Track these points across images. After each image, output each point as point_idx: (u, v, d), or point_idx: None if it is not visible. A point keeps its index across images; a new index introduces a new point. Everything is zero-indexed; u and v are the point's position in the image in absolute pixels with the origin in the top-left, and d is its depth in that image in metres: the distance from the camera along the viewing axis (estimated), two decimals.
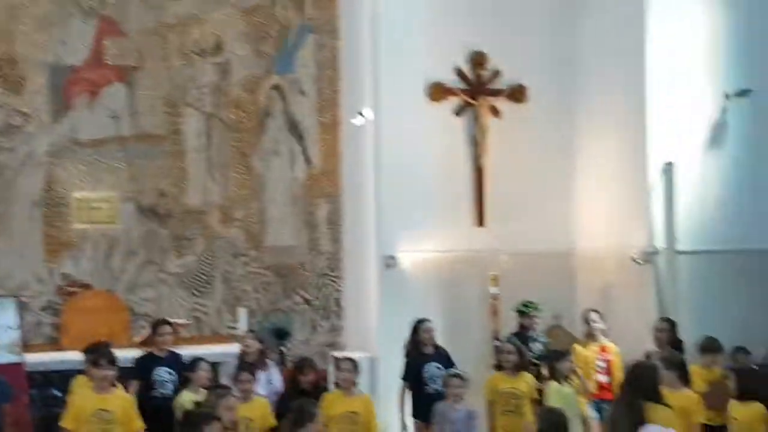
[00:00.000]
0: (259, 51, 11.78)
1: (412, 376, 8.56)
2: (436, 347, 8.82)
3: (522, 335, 9.16)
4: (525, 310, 9.34)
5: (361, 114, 10.79)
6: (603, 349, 9.01)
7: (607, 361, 8.92)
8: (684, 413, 6.70)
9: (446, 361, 8.73)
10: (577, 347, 9.07)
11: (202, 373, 7.72)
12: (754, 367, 8.34)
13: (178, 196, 11.70)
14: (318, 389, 7.91)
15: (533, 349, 8.96)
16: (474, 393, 8.11)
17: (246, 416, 7.09)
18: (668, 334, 8.63)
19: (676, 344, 8.60)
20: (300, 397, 7.22)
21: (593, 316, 9.17)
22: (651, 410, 5.92)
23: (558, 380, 7.87)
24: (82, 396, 7.24)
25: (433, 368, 8.57)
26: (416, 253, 10.54)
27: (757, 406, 6.77)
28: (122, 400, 7.15)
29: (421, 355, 8.71)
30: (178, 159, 11.72)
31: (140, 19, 11.63)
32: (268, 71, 11.86)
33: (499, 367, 8.18)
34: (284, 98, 11.83)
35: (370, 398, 7.88)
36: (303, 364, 8.08)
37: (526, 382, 7.97)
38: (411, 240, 10.52)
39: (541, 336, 9.36)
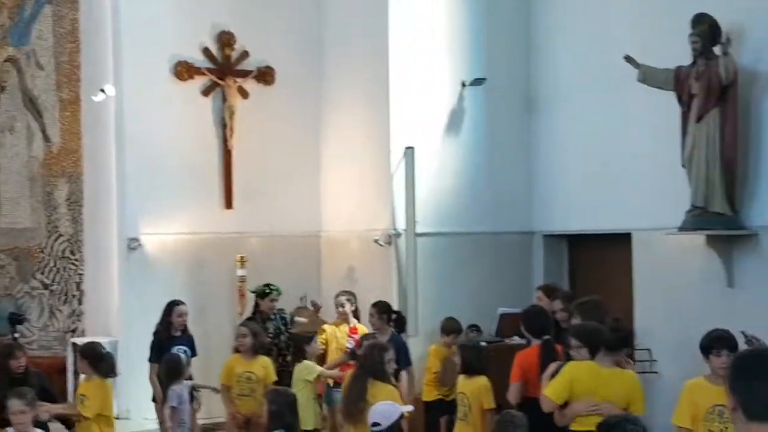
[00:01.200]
0: None
1: (158, 358, 8.34)
2: (184, 331, 8.68)
3: (262, 317, 9.13)
4: (265, 292, 9.29)
5: (102, 90, 10.36)
6: (353, 331, 9.18)
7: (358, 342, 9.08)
8: (476, 399, 7.03)
9: (191, 345, 8.63)
10: (327, 328, 9.20)
11: None
12: (483, 343, 8.83)
13: None
14: (28, 374, 7.46)
15: (270, 329, 8.92)
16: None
17: None
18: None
19: (401, 323, 8.91)
20: (12, 383, 6.84)
21: (342, 299, 9.34)
22: (376, 388, 6.28)
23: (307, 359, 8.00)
24: None
25: (180, 351, 8.39)
26: (161, 235, 10.31)
27: (481, 380, 7.15)
28: None
29: (170, 337, 8.55)
30: None
31: None
32: (2, 42, 11.13)
33: (237, 350, 8.15)
34: (20, 71, 11.15)
35: None
36: (11, 350, 7.63)
37: (261, 365, 7.95)
38: (155, 222, 10.28)
39: (284, 318, 9.36)
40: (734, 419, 2.98)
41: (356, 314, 9.32)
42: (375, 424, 5.82)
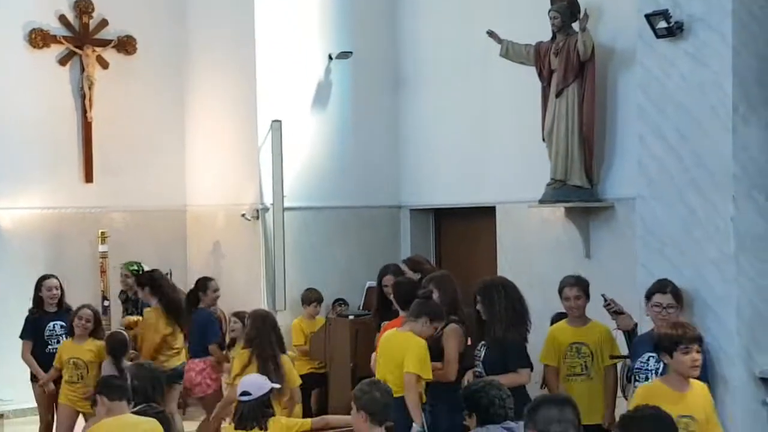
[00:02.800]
0: None
1: (32, 335, 7.96)
2: (60, 305, 8.26)
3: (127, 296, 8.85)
4: (132, 271, 9.01)
5: None
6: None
7: None
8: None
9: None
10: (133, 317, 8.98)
11: None
12: (350, 317, 8.89)
13: None
14: None
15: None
16: None
17: None
18: None
19: None
20: None
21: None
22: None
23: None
24: None
25: (57, 327, 8.04)
26: (18, 210, 9.94)
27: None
28: None
29: (45, 313, 8.16)
30: None
31: None
32: None
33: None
34: None
35: None
36: None
37: (90, 350, 7.49)
38: (11, 196, 9.91)
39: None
40: None
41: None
42: (244, 393, 5.79)
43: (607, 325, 6.44)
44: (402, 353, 6.06)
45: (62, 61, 10.21)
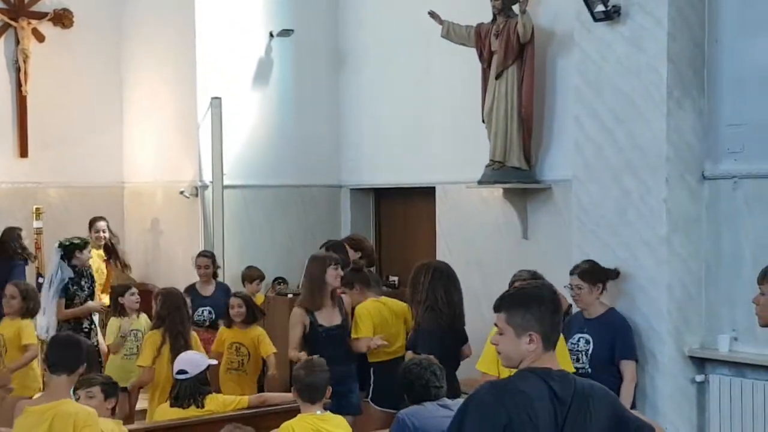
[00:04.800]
0: None
1: None
2: None
3: (77, 272, 8.58)
4: (83, 244, 8.80)
5: None
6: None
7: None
8: (253, 346, 7.04)
9: None
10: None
11: None
12: (289, 295, 8.88)
13: None
14: None
15: (85, 287, 8.46)
16: None
17: None
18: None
19: None
20: None
21: (101, 224, 9.28)
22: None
23: (121, 315, 7.72)
24: None
25: None
26: None
27: (256, 328, 7.23)
28: None
29: None
30: None
31: None
32: None
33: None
34: None
35: None
36: None
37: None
38: None
39: (92, 274, 8.84)
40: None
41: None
42: (181, 372, 5.77)
43: None
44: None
45: None
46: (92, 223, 9.44)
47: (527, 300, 3.17)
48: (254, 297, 9.08)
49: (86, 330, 8.04)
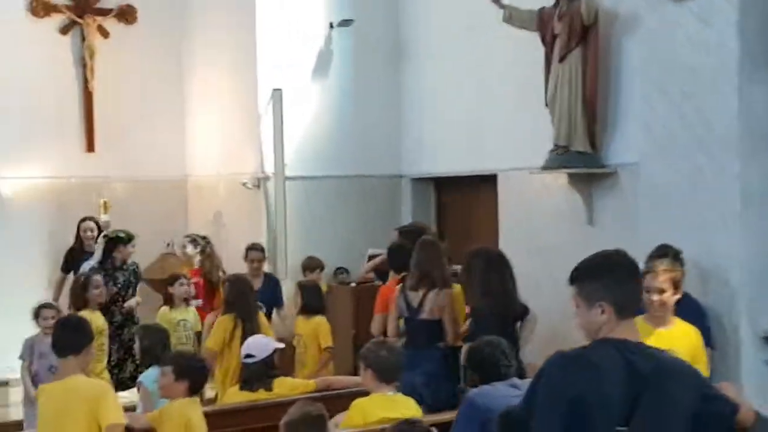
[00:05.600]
0: None
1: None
2: None
3: (113, 265, 8.57)
4: (119, 238, 8.92)
5: None
6: (194, 273, 9.01)
7: (196, 284, 8.89)
8: (313, 339, 7.06)
9: None
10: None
11: None
12: (352, 284, 8.90)
13: None
14: None
15: (119, 279, 8.51)
16: None
17: None
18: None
19: None
20: None
21: (184, 241, 9.22)
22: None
23: (171, 305, 7.82)
24: None
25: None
26: (18, 179, 9.92)
27: (318, 319, 7.19)
28: None
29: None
30: None
31: None
32: None
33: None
34: None
35: None
36: None
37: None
38: (13, 165, 9.88)
39: (136, 272, 8.79)
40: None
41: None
42: (249, 356, 5.81)
43: None
44: None
45: (63, 31, 10.16)
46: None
47: (596, 269, 3.11)
48: None
49: (115, 323, 8.16)
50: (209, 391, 6.60)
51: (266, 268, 8.78)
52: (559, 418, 2.89)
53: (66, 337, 4.91)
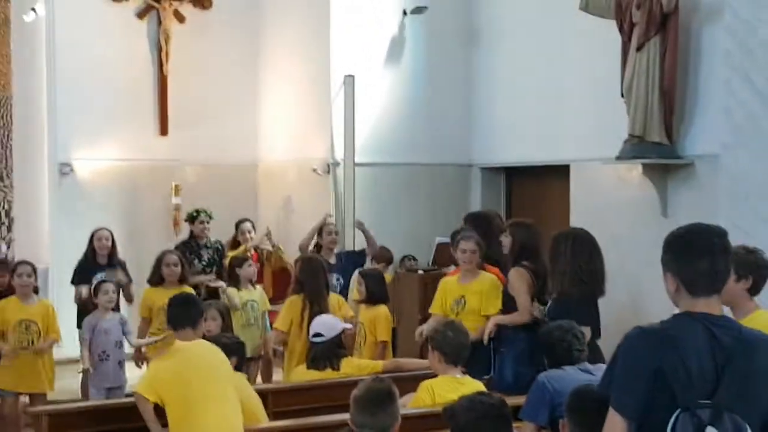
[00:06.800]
0: None
1: (79, 282, 8.10)
2: (111, 256, 8.41)
3: (197, 243, 8.89)
4: (193, 216, 9.06)
5: (33, 10, 10.02)
6: (253, 259, 9.04)
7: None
8: (371, 327, 7.03)
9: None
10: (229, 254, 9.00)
11: None
12: (420, 271, 8.86)
13: None
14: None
15: (204, 257, 8.72)
16: None
17: None
18: None
19: None
20: None
21: (245, 226, 9.23)
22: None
23: (237, 286, 7.89)
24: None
25: (101, 277, 8.16)
26: (94, 161, 10.11)
27: (380, 309, 7.12)
28: None
29: (95, 263, 8.32)
30: None
31: None
32: None
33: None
34: None
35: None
36: None
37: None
38: (88, 147, 10.08)
39: (219, 250, 8.97)
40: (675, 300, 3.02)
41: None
42: (317, 335, 5.82)
43: None
44: None
45: (140, 15, 10.33)
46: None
47: (669, 242, 3.06)
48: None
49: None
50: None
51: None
52: (640, 390, 2.84)
53: (178, 313, 5.15)
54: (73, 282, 8.07)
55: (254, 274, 8.16)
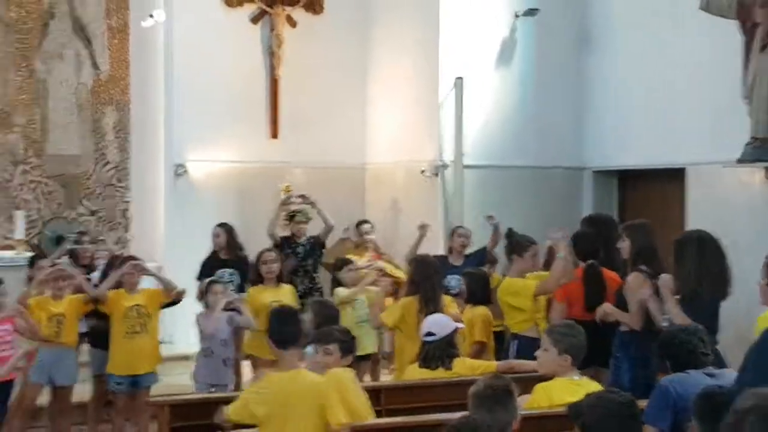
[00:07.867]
0: None
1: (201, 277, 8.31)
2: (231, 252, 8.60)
3: (290, 242, 8.98)
4: (292, 217, 9.19)
5: (152, 16, 10.32)
6: (374, 258, 9.07)
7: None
8: (469, 327, 6.97)
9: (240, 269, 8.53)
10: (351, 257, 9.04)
11: None
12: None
13: None
14: None
15: (301, 253, 8.87)
16: None
17: None
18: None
19: None
20: None
21: (366, 227, 9.26)
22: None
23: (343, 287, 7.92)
24: None
25: (225, 275, 8.36)
26: (207, 162, 10.34)
27: (479, 310, 7.04)
28: None
29: (217, 260, 8.56)
30: None
31: None
32: None
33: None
34: None
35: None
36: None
37: (286, 293, 7.71)
38: (202, 150, 10.30)
39: (313, 243, 9.07)
40: None
41: None
42: (429, 334, 5.80)
43: None
44: None
45: (254, 20, 10.52)
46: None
47: None
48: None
49: (300, 291, 8.36)
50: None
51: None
52: None
53: (284, 331, 4.95)
54: (198, 278, 8.27)
55: (356, 280, 8.13)
